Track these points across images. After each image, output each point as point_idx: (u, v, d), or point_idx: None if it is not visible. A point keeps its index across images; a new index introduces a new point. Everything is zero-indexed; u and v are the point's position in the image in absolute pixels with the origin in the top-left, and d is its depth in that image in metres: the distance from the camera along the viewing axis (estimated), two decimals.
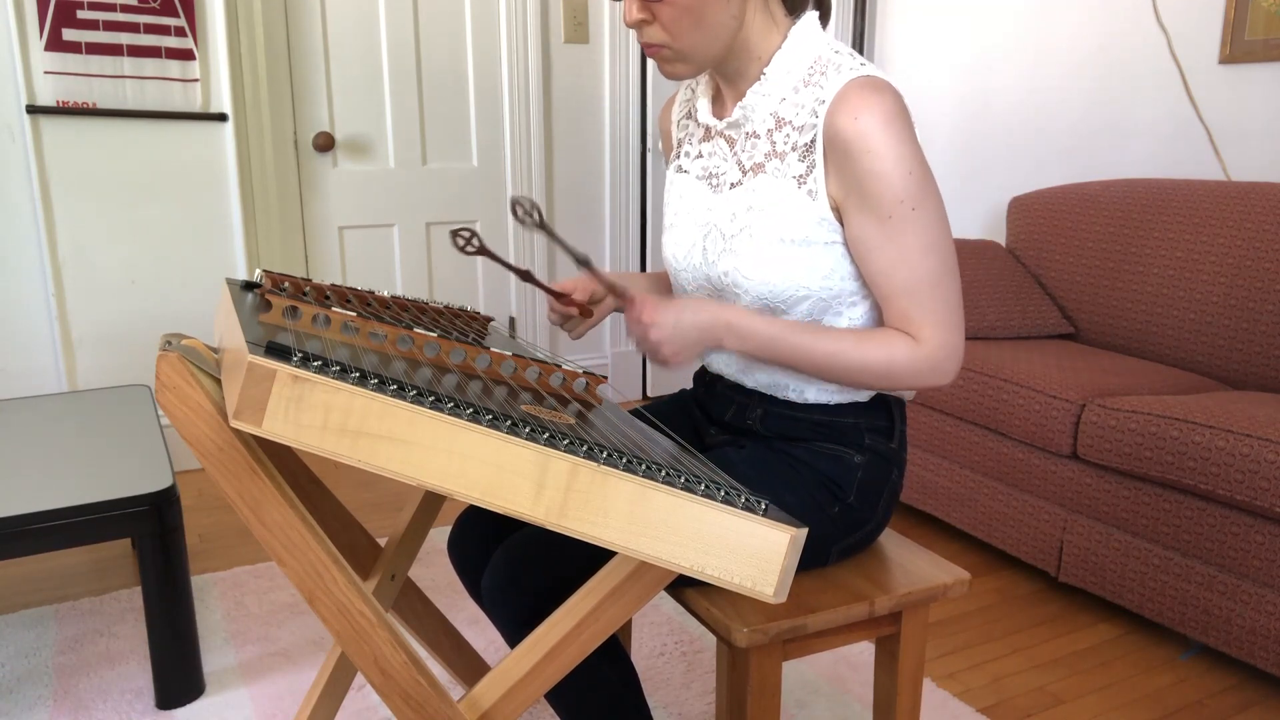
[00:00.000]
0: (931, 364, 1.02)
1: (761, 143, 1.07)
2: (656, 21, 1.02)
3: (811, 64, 1.04)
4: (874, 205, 0.99)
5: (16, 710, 1.56)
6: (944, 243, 1.01)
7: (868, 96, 0.97)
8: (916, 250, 1.00)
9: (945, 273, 1.01)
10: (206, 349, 0.86)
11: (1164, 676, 1.73)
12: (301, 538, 0.80)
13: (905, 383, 1.03)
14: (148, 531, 1.50)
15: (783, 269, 1.04)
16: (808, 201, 1.03)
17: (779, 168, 1.05)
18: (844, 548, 1.12)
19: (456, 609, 1.92)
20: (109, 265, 2.56)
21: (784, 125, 1.05)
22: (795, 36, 1.05)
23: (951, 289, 1.02)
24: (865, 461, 1.11)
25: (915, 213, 0.99)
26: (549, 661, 0.85)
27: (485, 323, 1.26)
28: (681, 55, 1.03)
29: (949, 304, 1.02)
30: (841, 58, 1.02)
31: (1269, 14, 2.28)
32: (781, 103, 1.05)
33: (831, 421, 1.11)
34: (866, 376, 1.02)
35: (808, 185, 1.03)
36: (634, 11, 1.02)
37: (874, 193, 0.98)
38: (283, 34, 2.72)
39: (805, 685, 1.67)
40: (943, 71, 3.22)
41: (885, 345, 1.02)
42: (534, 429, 0.72)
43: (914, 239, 0.99)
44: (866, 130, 0.97)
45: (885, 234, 1.00)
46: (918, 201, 0.99)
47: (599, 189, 3.34)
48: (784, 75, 1.05)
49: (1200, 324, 2.16)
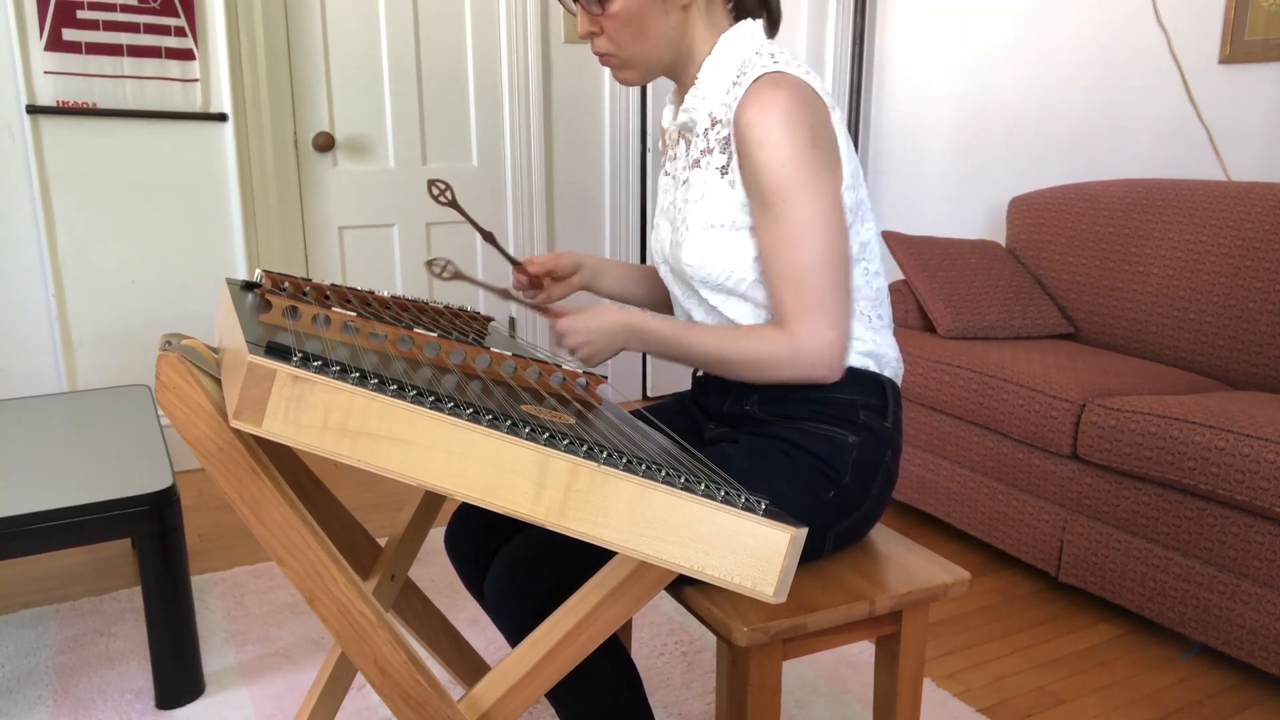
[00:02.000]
0: (801, 355, 1.06)
1: (700, 140, 1.15)
2: (604, 33, 1.12)
3: (740, 66, 1.11)
4: (759, 195, 1.06)
5: (16, 710, 1.56)
6: (821, 235, 1.04)
7: (764, 93, 1.04)
8: (789, 240, 1.04)
9: (819, 265, 1.04)
10: (206, 349, 0.86)
11: (1164, 676, 1.73)
12: (301, 538, 0.80)
13: (783, 375, 1.07)
14: (148, 531, 1.50)
15: (714, 254, 1.12)
16: (729, 190, 1.10)
17: (709, 161, 1.13)
18: (840, 533, 1.13)
19: (456, 609, 1.92)
20: (109, 265, 2.56)
21: (716, 124, 1.13)
22: (724, 42, 1.12)
23: (825, 282, 1.05)
24: (860, 441, 1.12)
25: (788, 204, 1.03)
26: (549, 661, 0.85)
27: (485, 323, 1.27)
28: (627, 63, 1.14)
29: (820, 296, 1.05)
30: (761, 58, 1.09)
31: (1269, 14, 2.28)
32: (717, 104, 1.13)
33: (826, 398, 1.13)
34: (747, 370, 1.08)
35: (729, 175, 1.10)
36: (584, 24, 1.13)
37: (758, 183, 1.05)
38: (283, 34, 2.72)
39: (805, 685, 1.67)
40: (943, 71, 3.22)
41: (759, 340, 1.07)
42: (534, 429, 0.72)
43: (787, 229, 1.04)
44: (752, 123, 1.03)
45: (765, 223, 1.06)
46: (792, 193, 1.03)
47: (599, 189, 3.34)
48: (714, 78, 1.12)
49: (1200, 324, 2.16)
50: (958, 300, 2.40)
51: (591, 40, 1.14)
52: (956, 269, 2.48)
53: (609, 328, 1.14)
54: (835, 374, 1.07)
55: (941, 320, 2.38)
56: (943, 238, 2.66)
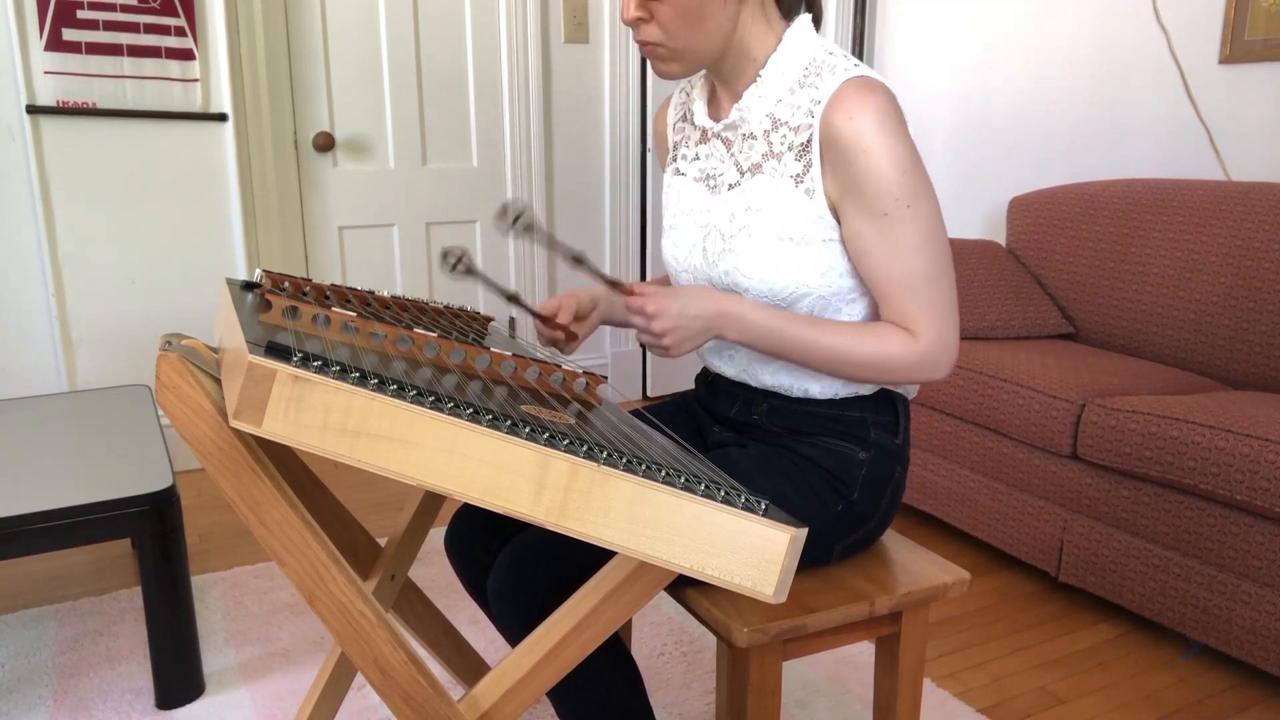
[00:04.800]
0: (926, 359, 1.03)
1: (759, 144, 1.08)
2: (654, 20, 1.03)
3: (807, 65, 1.05)
4: (869, 203, 1.00)
5: (16, 710, 1.56)
6: (938, 240, 1.03)
7: (863, 96, 0.99)
8: (911, 247, 1.01)
9: (940, 270, 1.03)
10: (206, 349, 0.86)
11: (1164, 676, 1.73)
12: (301, 538, 0.80)
13: (901, 377, 1.04)
14: (148, 531, 1.50)
15: (781, 267, 1.06)
16: (805, 200, 1.04)
17: (776, 168, 1.06)
18: (847, 545, 1.13)
19: (456, 609, 1.92)
20: (109, 265, 2.56)
21: (780, 126, 1.06)
22: (790, 39, 1.06)
23: (946, 285, 1.04)
24: (870, 458, 1.11)
25: (910, 210, 1.00)
26: (549, 662, 0.85)
27: (485, 323, 1.27)
28: (676, 55, 1.05)
29: (944, 300, 1.03)
30: (836, 59, 1.04)
31: (1269, 14, 2.28)
32: (777, 104, 1.06)
33: (837, 415, 1.12)
34: (863, 370, 1.04)
35: (805, 184, 1.04)
36: (632, 9, 1.03)
37: (869, 191, 1.00)
38: (283, 34, 2.72)
39: (805, 685, 1.67)
40: (943, 71, 3.22)
41: (882, 339, 1.03)
42: (534, 429, 0.72)
43: (908, 236, 1.01)
44: (861, 129, 0.98)
45: (880, 231, 1.01)
46: (912, 199, 1.00)
47: (599, 189, 3.34)
48: (780, 77, 1.06)
49: (1200, 324, 2.16)
50: (958, 300, 2.40)
51: (636, 27, 1.05)
52: (957, 269, 2.48)
53: (710, 313, 1.03)
54: (946, 376, 1.06)
55: None
56: None
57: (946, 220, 3.28)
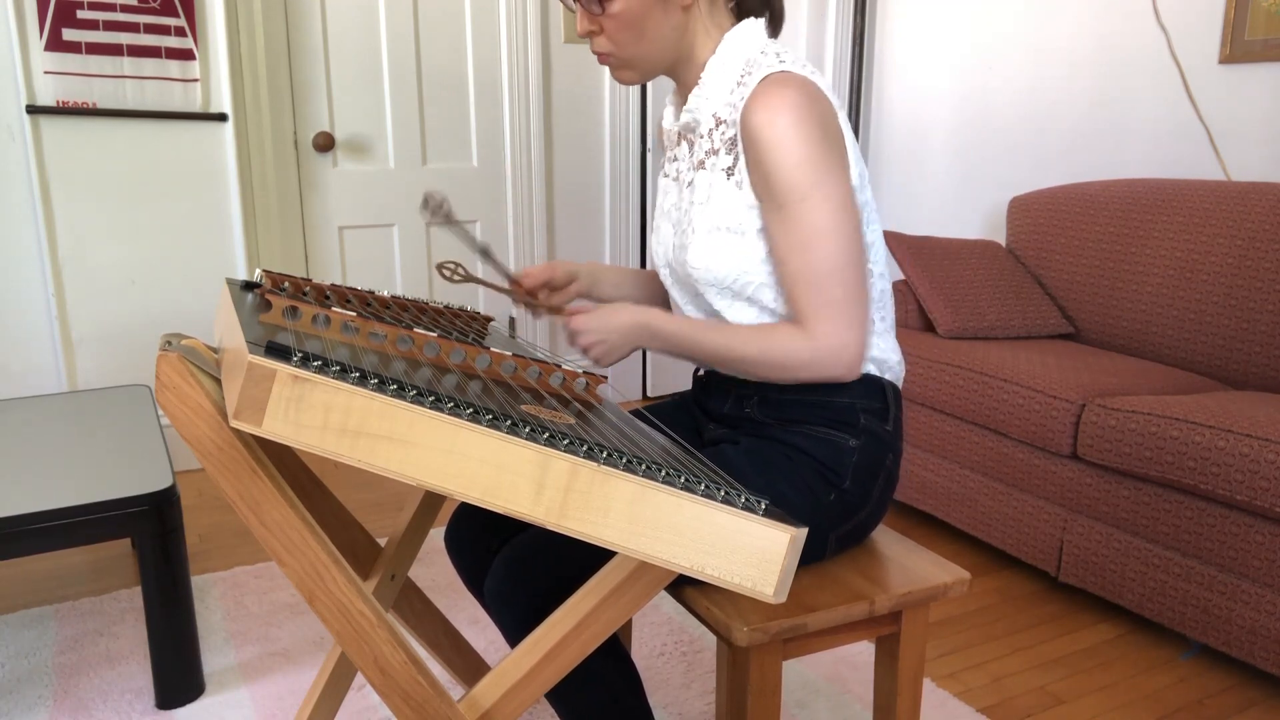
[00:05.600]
0: (821, 356, 1.05)
1: (704, 141, 1.14)
2: (603, 32, 1.11)
3: (744, 65, 1.10)
4: (771, 195, 1.04)
5: (16, 710, 1.56)
6: (836, 236, 1.04)
7: (772, 91, 1.03)
8: (804, 241, 1.04)
9: (836, 265, 1.04)
10: (206, 349, 0.86)
11: (1164, 676, 1.73)
12: (301, 538, 0.80)
13: (800, 375, 1.07)
14: (148, 531, 1.50)
15: (722, 256, 1.10)
16: (735, 191, 1.09)
17: (714, 162, 1.12)
18: (841, 535, 1.13)
19: (456, 609, 1.92)
20: (109, 265, 2.56)
21: (721, 124, 1.11)
22: (728, 41, 1.11)
23: (842, 281, 1.04)
24: (861, 445, 1.12)
25: (804, 204, 1.03)
26: (549, 662, 0.85)
27: (485, 323, 1.27)
28: (626, 63, 1.13)
29: (838, 296, 1.04)
30: (766, 57, 1.08)
31: (1269, 14, 2.28)
32: (721, 104, 1.11)
33: (827, 402, 1.13)
34: (764, 369, 1.08)
35: (735, 176, 1.09)
36: (584, 23, 1.12)
37: (771, 184, 1.04)
38: (283, 34, 2.72)
39: (805, 685, 1.67)
40: (942, 71, 3.22)
41: (777, 340, 1.06)
42: (534, 429, 0.72)
43: (803, 229, 1.04)
44: (763, 123, 1.02)
45: (779, 223, 1.05)
46: (807, 192, 1.02)
47: (599, 189, 3.34)
48: (718, 78, 1.11)
49: (1200, 324, 2.16)
50: (958, 300, 2.40)
51: (590, 39, 1.13)
52: (956, 269, 2.48)
53: (623, 326, 1.12)
54: (853, 374, 1.07)
55: (941, 320, 2.38)
56: (943, 238, 2.66)
57: (946, 220, 3.28)
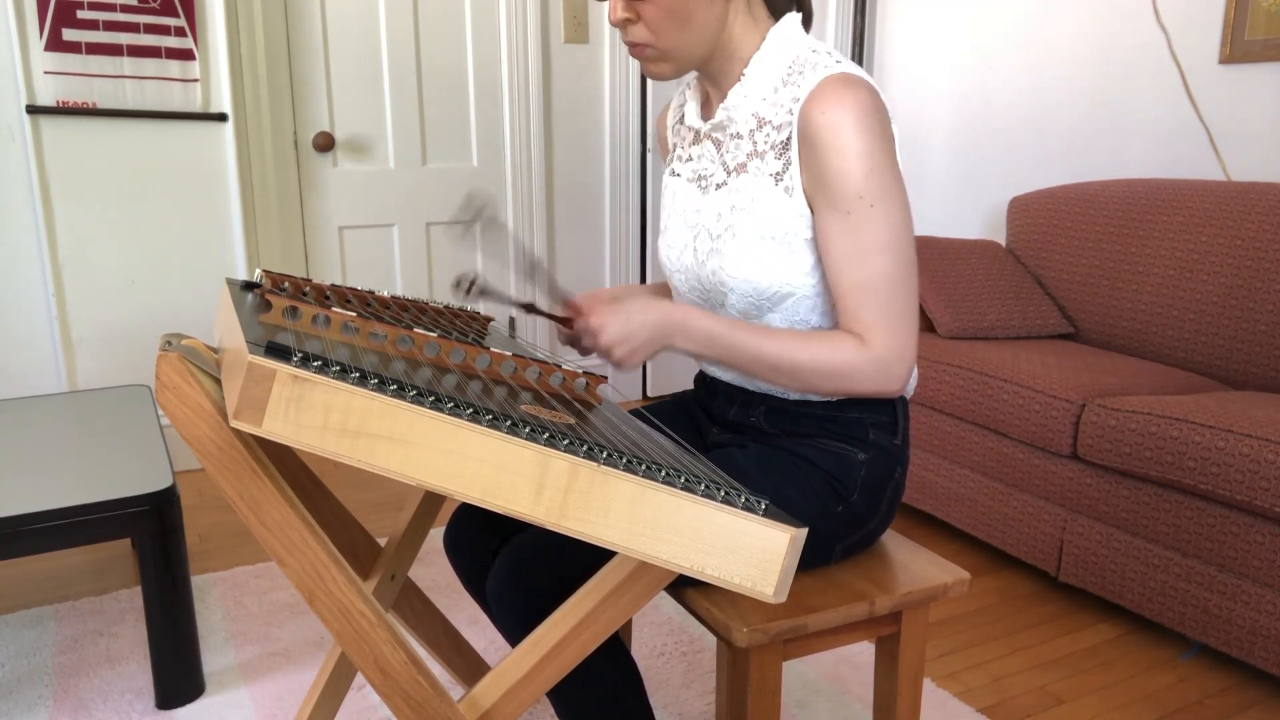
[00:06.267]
0: (878, 367, 1.01)
1: (744, 143, 1.08)
2: (640, 21, 1.03)
3: (790, 64, 1.05)
4: (834, 200, 1.00)
5: (16, 710, 1.56)
6: (900, 245, 1.01)
7: (839, 91, 0.98)
8: (871, 249, 1.00)
9: (899, 276, 1.01)
10: (206, 349, 0.86)
11: (1164, 676, 1.73)
12: (301, 538, 0.80)
13: (853, 386, 1.02)
14: (148, 531, 1.50)
15: (765, 266, 1.05)
16: (784, 198, 1.03)
17: (759, 166, 1.06)
18: (847, 546, 1.13)
19: (456, 609, 1.92)
20: (109, 265, 2.56)
21: (764, 125, 1.06)
22: (774, 37, 1.06)
23: (904, 293, 1.01)
24: (869, 459, 1.11)
25: (873, 210, 0.99)
26: (549, 662, 0.85)
27: (485, 323, 1.27)
28: (664, 55, 1.05)
29: (900, 308, 1.01)
30: (819, 56, 1.04)
31: (1269, 14, 2.28)
32: (762, 102, 1.06)
33: (836, 416, 1.11)
34: (814, 378, 1.02)
35: (784, 181, 1.03)
36: (618, 10, 1.03)
37: (835, 188, 0.99)
38: (283, 34, 2.72)
39: (805, 685, 1.67)
40: (942, 71, 3.22)
41: (833, 347, 1.01)
42: (534, 429, 0.72)
43: (869, 237, 0.99)
44: (833, 124, 0.97)
45: (842, 229, 1.00)
46: (876, 199, 0.99)
47: (599, 189, 3.34)
48: (763, 75, 1.06)
49: (1200, 324, 2.16)
50: (958, 300, 2.40)
51: (623, 29, 1.04)
52: (956, 269, 2.48)
53: (652, 323, 1.01)
54: (902, 389, 1.04)
55: (941, 320, 2.38)
56: (943, 237, 2.66)
57: (946, 220, 3.28)
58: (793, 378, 1.02)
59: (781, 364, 1.02)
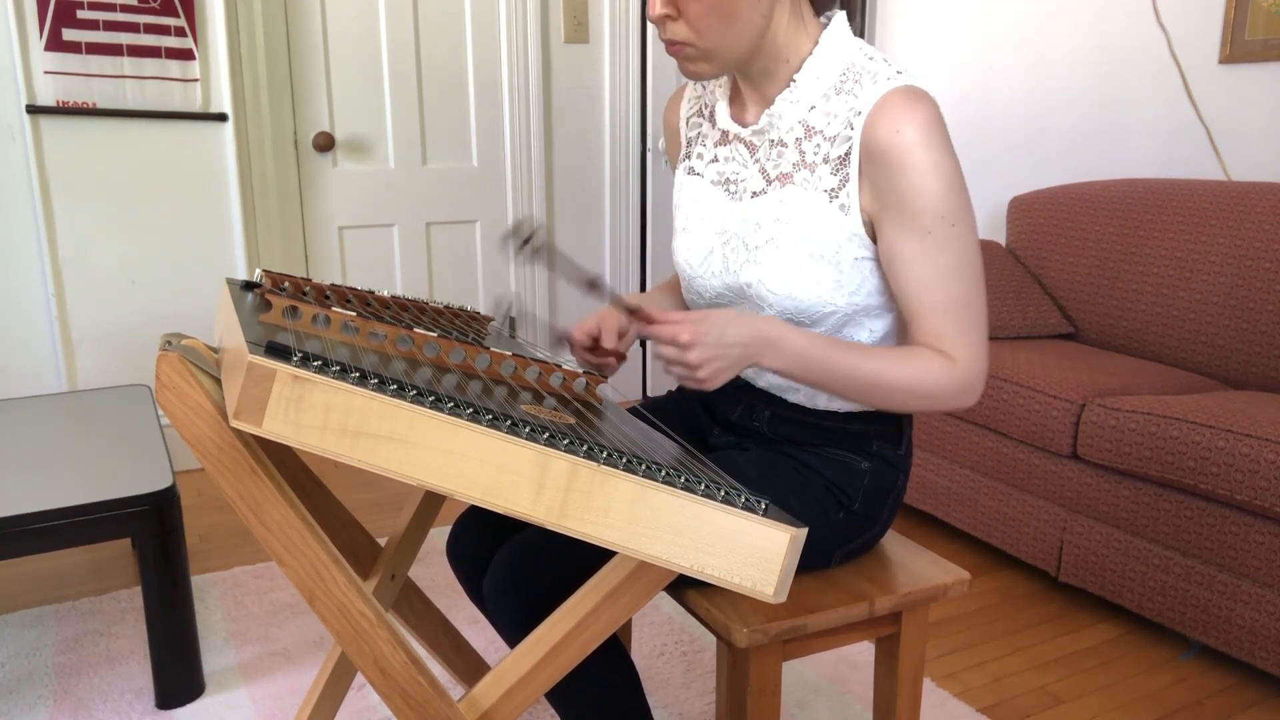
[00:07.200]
0: (963, 384, 0.99)
1: (789, 152, 1.03)
2: (683, 18, 0.96)
3: (844, 71, 1.00)
4: (912, 220, 0.96)
5: (16, 710, 1.56)
6: (977, 262, 0.99)
7: (911, 107, 0.94)
8: (953, 269, 0.97)
9: (977, 293, 0.99)
10: (206, 349, 0.86)
11: (1164, 676, 1.73)
12: (301, 538, 0.80)
13: (940, 403, 0.99)
14: (148, 531, 1.50)
15: (810, 284, 1.01)
16: (839, 216, 0.99)
17: (808, 179, 1.01)
18: (847, 551, 1.12)
19: (456, 609, 1.92)
20: (109, 265, 2.56)
21: (814, 134, 1.01)
22: (827, 41, 1.01)
23: (981, 310, 1.00)
24: (873, 468, 1.11)
25: (954, 230, 0.96)
26: (549, 662, 0.85)
27: (485, 323, 1.27)
28: (706, 55, 0.98)
29: (979, 326, 1.00)
30: (876, 65, 0.99)
31: (1269, 14, 2.28)
32: (811, 111, 1.01)
33: (840, 428, 1.11)
34: (904, 397, 0.99)
35: (840, 199, 0.99)
36: (659, 5, 0.96)
37: (914, 208, 0.95)
38: (283, 34, 2.72)
39: (805, 685, 1.66)
40: (943, 70, 3.22)
41: (924, 365, 0.98)
42: (534, 429, 0.72)
43: (951, 257, 0.97)
44: (909, 143, 0.93)
45: (923, 250, 0.97)
46: (957, 218, 0.96)
47: (599, 189, 3.33)
48: (815, 82, 1.01)
49: (1200, 324, 2.16)
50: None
51: (662, 25, 0.98)
52: None
53: (744, 339, 0.93)
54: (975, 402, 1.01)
55: None
56: None
57: None
58: (882, 396, 0.99)
59: (873, 384, 0.98)
